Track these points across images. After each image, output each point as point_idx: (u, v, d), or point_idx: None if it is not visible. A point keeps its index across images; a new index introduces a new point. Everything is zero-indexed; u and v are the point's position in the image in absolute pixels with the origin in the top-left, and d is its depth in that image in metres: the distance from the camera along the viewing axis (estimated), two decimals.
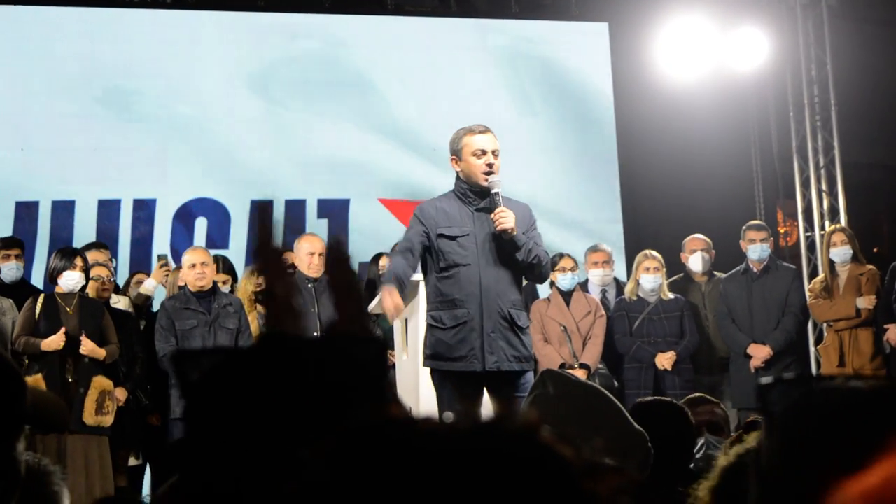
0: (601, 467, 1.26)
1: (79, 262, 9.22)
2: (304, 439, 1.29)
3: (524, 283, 7.71)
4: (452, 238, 7.00)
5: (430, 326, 7.09)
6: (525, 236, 6.99)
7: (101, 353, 9.06)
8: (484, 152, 7.03)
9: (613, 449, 3.17)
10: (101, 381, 9.06)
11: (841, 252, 10.41)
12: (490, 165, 7.01)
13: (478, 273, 6.94)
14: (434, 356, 7.01)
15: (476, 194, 7.06)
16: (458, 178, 7.17)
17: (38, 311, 9.08)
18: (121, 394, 9.40)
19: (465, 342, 6.91)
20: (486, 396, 6.93)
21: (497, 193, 6.96)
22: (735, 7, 13.15)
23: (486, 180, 6.99)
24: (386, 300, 6.77)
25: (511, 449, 1.19)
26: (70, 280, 9.14)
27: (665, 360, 10.21)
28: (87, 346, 8.99)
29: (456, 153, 7.13)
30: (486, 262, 6.96)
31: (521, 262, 6.97)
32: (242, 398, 1.53)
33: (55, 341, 8.89)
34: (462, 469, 1.16)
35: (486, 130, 7.15)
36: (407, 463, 1.17)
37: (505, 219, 6.87)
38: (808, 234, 13.43)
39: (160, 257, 10.80)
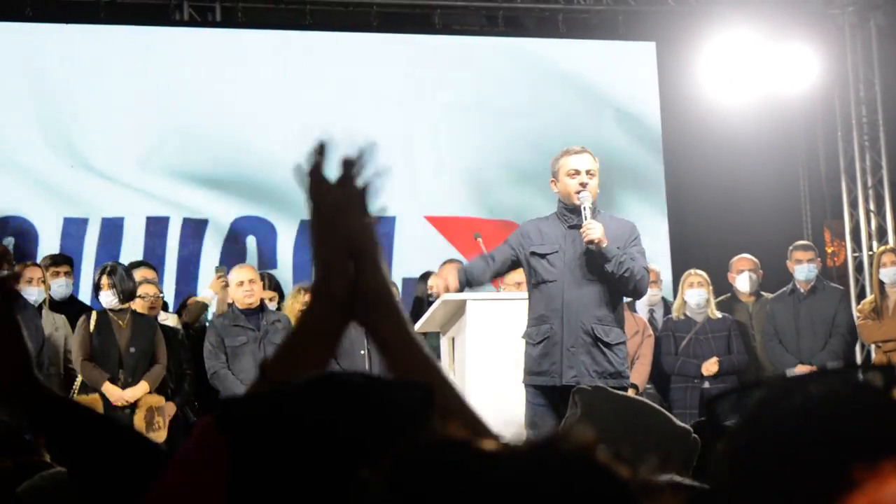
0: (658, 487, 1.27)
1: (105, 281, 9.30)
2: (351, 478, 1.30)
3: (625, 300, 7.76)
4: (542, 256, 7.17)
5: (525, 343, 7.22)
6: (618, 249, 7.06)
7: (138, 394, 9.14)
8: (578, 172, 7.21)
9: (656, 449, 3.14)
10: (149, 398, 9.12)
11: (891, 272, 10.34)
12: (583, 185, 7.17)
13: (562, 289, 7.07)
14: (528, 372, 7.17)
15: (571, 213, 7.22)
16: (558, 199, 7.37)
17: (91, 327, 9.17)
18: (170, 409, 9.46)
19: (548, 357, 7.06)
20: None
21: (586, 208, 7.08)
22: (783, 26, 13.10)
23: (579, 199, 7.12)
24: (441, 273, 6.97)
25: (566, 471, 1.20)
26: (105, 299, 9.26)
27: (710, 365, 10.17)
28: (127, 396, 9.09)
29: (554, 174, 7.33)
30: (573, 279, 7.09)
31: (611, 274, 7.03)
32: (292, 446, 1.55)
33: (119, 398, 9.02)
34: (518, 491, 1.18)
35: (582, 151, 7.34)
36: (464, 485, 1.19)
37: (591, 230, 6.98)
38: (856, 254, 13.35)
39: (218, 269, 10.83)
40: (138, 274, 9.95)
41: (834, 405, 1.38)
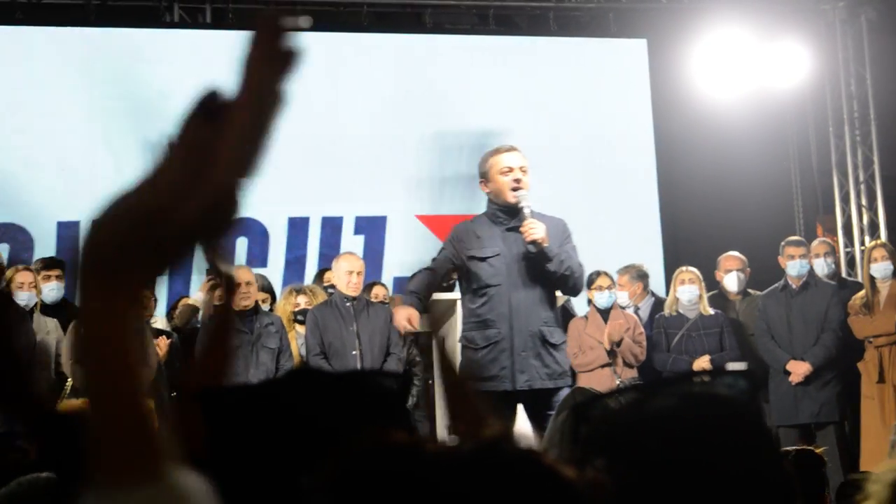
0: (604, 486, 1.28)
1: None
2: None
3: (561, 299, 7.70)
4: (482, 259, 6.99)
5: (463, 347, 7.10)
6: (558, 248, 6.98)
7: None
8: (511, 169, 7.03)
9: None
10: None
11: (882, 267, 10.34)
12: (518, 181, 7.01)
13: (508, 293, 6.93)
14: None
15: (506, 214, 7.06)
16: (488, 200, 7.18)
17: None
18: (162, 343, 9.47)
19: (497, 362, 6.91)
20: (522, 414, 6.94)
21: (525, 208, 6.96)
22: (774, 22, 13.12)
23: (514, 196, 6.98)
24: (398, 314, 6.85)
25: (512, 472, 1.20)
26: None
27: (702, 363, 10.17)
28: None
29: (484, 175, 7.14)
30: (517, 282, 6.96)
31: (553, 273, 6.95)
32: (266, 433, 1.56)
33: None
34: (463, 493, 1.18)
35: (512, 148, 7.15)
36: (407, 488, 1.19)
37: (533, 230, 6.87)
38: (848, 249, 13.36)
39: (209, 271, 10.78)
40: None
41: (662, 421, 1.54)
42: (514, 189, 7.00)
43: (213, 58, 12.41)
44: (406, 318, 6.85)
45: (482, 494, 1.19)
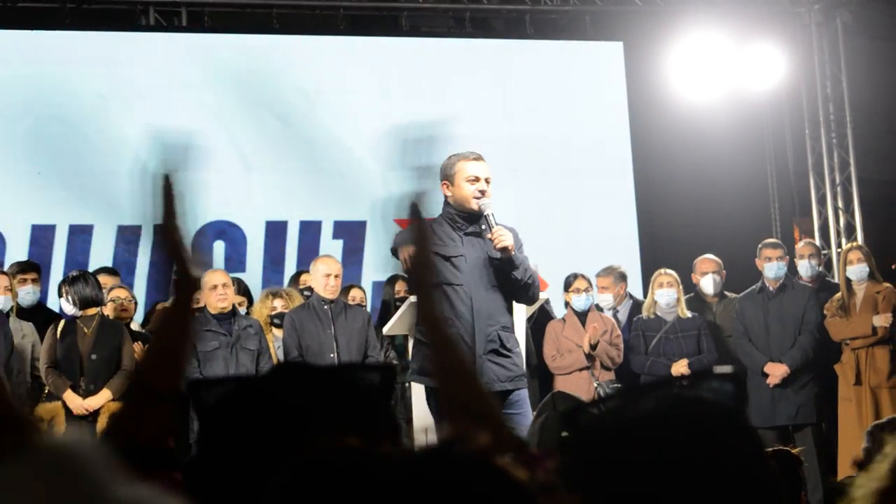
0: (556, 487, 1.28)
1: (64, 289, 9.40)
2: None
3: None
4: (446, 258, 6.97)
5: (417, 342, 7.16)
6: (522, 255, 7.02)
7: (99, 402, 9.11)
8: (478, 179, 7.05)
9: None
10: (113, 406, 9.09)
11: (857, 270, 10.38)
12: (482, 192, 7.03)
13: (469, 295, 6.94)
14: (421, 371, 7.03)
15: (464, 219, 7.07)
16: (446, 202, 7.15)
17: (58, 334, 9.15)
18: (138, 349, 9.44)
19: None
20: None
21: (490, 215, 6.98)
22: (749, 25, 13.16)
23: (478, 204, 6.99)
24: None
25: (463, 473, 1.20)
26: (65, 308, 9.31)
27: (680, 367, 10.19)
28: (88, 404, 9.06)
29: (448, 178, 7.12)
30: (478, 286, 6.96)
31: (517, 280, 6.97)
32: (255, 424, 1.56)
33: (78, 406, 9.01)
34: (414, 494, 1.18)
35: (479, 158, 7.15)
36: (359, 489, 1.19)
37: (504, 237, 6.88)
38: (825, 251, 13.41)
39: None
40: (102, 280, 9.93)
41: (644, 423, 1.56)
42: (478, 198, 7.02)
43: (189, 60, 12.45)
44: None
45: (432, 496, 1.19)
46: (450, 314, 6.93)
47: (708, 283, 10.91)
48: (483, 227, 7.00)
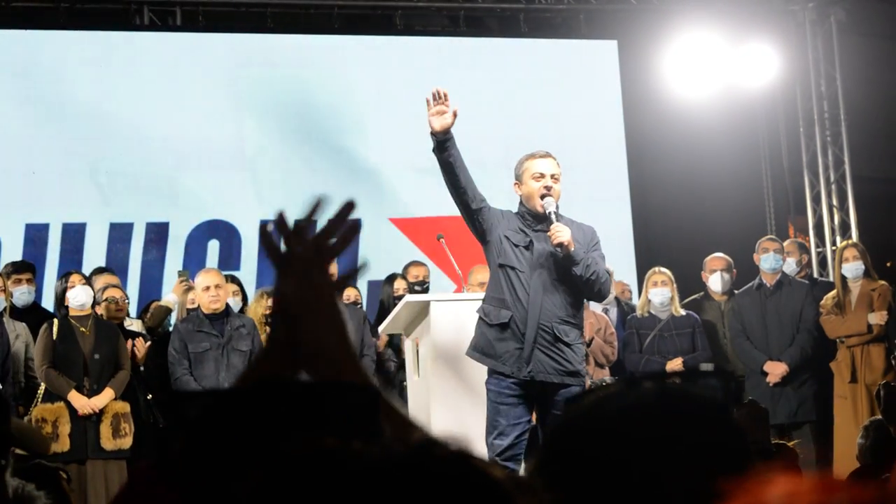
0: (534, 486, 1.27)
1: (77, 279, 9.33)
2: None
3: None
4: (515, 245, 7.11)
5: (479, 319, 7.19)
6: (584, 253, 7.06)
7: (104, 401, 9.08)
8: (542, 175, 7.21)
9: None
10: (115, 405, 9.07)
11: (853, 267, 10.38)
12: (548, 188, 7.17)
13: (528, 282, 7.02)
14: (475, 348, 7.15)
15: (534, 218, 7.18)
16: (520, 201, 7.31)
17: (54, 335, 9.11)
18: (140, 345, 9.49)
19: (503, 343, 7.01)
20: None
21: (552, 213, 7.07)
22: (744, 23, 13.17)
23: (542, 205, 7.11)
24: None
25: (441, 472, 1.20)
26: (77, 297, 9.22)
27: (675, 365, 10.19)
28: (94, 404, 9.03)
29: (518, 177, 7.31)
30: (540, 276, 7.04)
31: (579, 277, 7.03)
32: (234, 440, 1.54)
33: (84, 406, 8.96)
34: (392, 493, 1.17)
35: (546, 155, 7.38)
36: (332, 491, 1.18)
37: (560, 233, 6.96)
38: (820, 249, 13.41)
39: (181, 272, 10.75)
40: (101, 280, 9.92)
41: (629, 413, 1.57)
42: (543, 196, 7.14)
43: (184, 60, 12.44)
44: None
45: (409, 495, 1.18)
46: (506, 296, 7.05)
47: (716, 281, 10.86)
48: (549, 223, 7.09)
